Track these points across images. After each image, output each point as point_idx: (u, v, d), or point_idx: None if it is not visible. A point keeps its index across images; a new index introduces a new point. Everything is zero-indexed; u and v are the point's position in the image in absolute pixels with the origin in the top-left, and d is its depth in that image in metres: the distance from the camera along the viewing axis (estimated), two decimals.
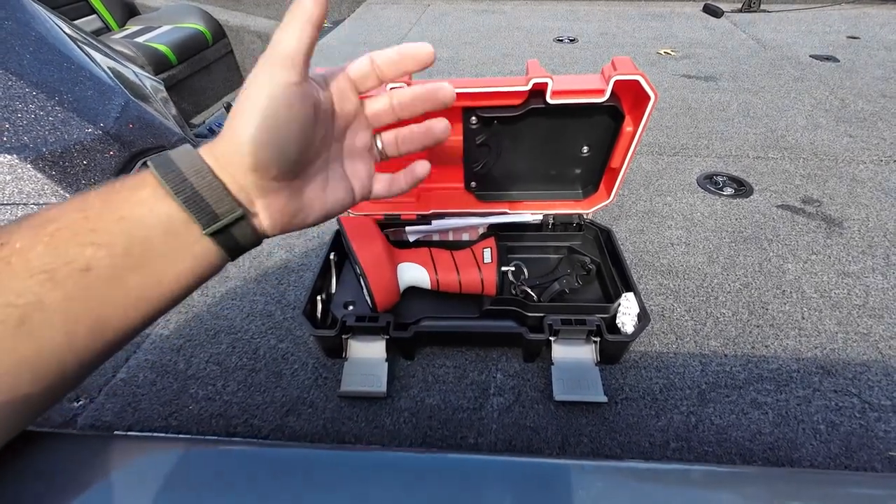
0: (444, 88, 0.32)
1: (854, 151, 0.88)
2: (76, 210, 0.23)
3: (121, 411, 0.48)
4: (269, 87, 0.25)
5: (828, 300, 0.58)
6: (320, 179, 0.30)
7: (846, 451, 0.43)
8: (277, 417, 0.47)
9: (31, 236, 0.22)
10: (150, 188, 0.25)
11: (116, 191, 0.25)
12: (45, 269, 0.22)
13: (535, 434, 0.45)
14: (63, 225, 0.23)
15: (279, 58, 0.25)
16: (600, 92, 0.46)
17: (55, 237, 0.22)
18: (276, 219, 0.28)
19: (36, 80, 0.61)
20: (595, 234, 0.61)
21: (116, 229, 0.23)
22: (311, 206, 0.30)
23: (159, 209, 0.25)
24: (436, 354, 0.53)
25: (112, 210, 0.24)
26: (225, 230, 0.26)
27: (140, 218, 0.24)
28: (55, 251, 0.22)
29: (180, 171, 0.25)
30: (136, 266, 0.24)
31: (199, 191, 0.25)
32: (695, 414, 0.46)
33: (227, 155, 0.26)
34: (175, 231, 0.25)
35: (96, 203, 0.24)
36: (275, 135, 0.25)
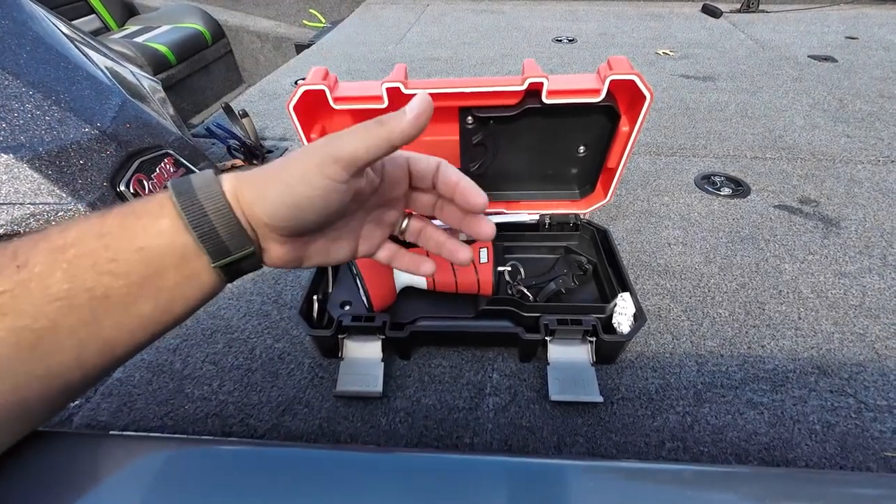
0: (488, 227, 0.32)
1: (852, 151, 0.88)
2: (95, 236, 0.23)
3: (116, 411, 0.48)
4: (309, 175, 0.25)
5: (824, 300, 0.58)
6: (330, 239, 0.31)
7: (842, 452, 0.43)
8: (273, 417, 0.47)
9: (51, 261, 0.22)
10: (169, 219, 0.25)
11: (136, 217, 0.25)
12: (63, 295, 0.22)
13: (531, 434, 0.45)
14: (82, 252, 0.23)
15: (338, 157, 0.25)
16: (596, 92, 0.46)
17: (74, 264, 0.23)
18: (274, 261, 0.29)
19: (32, 80, 0.61)
20: (592, 234, 0.61)
21: (135, 259, 0.24)
22: (311, 257, 0.31)
23: (176, 241, 0.25)
24: (432, 354, 0.53)
25: (131, 239, 0.24)
26: (233, 264, 0.27)
27: (158, 249, 0.25)
28: (74, 279, 0.22)
29: (201, 205, 0.25)
30: (150, 295, 0.25)
31: (216, 228, 0.25)
32: (690, 414, 0.46)
33: (249, 202, 0.26)
34: (188, 262, 0.26)
35: (115, 230, 0.24)
36: (296, 214, 0.26)
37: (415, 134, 0.26)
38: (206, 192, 0.25)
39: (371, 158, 0.26)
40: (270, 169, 0.26)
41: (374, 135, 0.25)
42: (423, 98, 0.26)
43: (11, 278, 0.21)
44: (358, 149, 0.25)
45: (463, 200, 0.30)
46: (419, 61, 1.40)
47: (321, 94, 0.47)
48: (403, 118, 0.25)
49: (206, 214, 0.25)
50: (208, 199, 0.25)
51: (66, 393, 0.24)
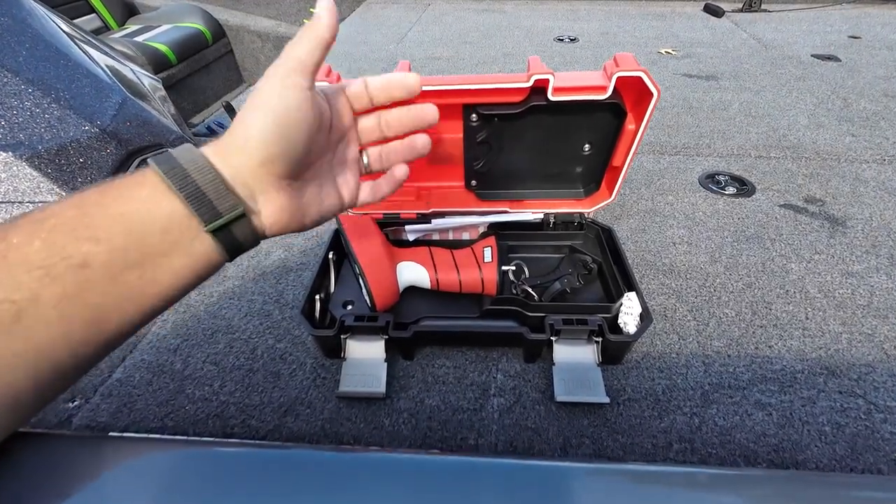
0: (429, 110, 0.35)
1: (857, 151, 0.88)
2: (74, 206, 0.23)
3: (116, 412, 0.47)
4: (282, 88, 0.27)
5: (832, 300, 0.57)
6: (317, 184, 0.32)
7: (852, 453, 0.42)
8: (275, 418, 0.46)
9: (29, 232, 0.22)
10: (150, 185, 0.25)
11: (116, 187, 0.25)
12: (42, 264, 0.21)
13: (537, 435, 0.44)
14: (60, 221, 0.23)
15: (293, 64, 0.27)
16: (602, 89, 0.46)
17: (52, 233, 0.22)
18: (276, 218, 0.29)
19: (32, 77, 0.61)
20: (596, 233, 0.60)
21: (115, 225, 0.23)
22: (309, 207, 0.31)
23: (160, 206, 0.24)
24: (435, 354, 0.52)
25: (111, 206, 0.24)
26: (225, 228, 0.26)
27: (139, 214, 0.24)
28: (52, 247, 0.22)
29: (183, 167, 0.25)
30: (135, 263, 0.24)
31: (201, 187, 0.25)
32: (698, 415, 0.45)
33: (235, 150, 0.27)
34: (175, 228, 0.25)
35: (94, 199, 0.24)
36: (285, 132, 0.27)
37: (334, 24, 0.28)
38: (188, 157, 0.26)
39: (315, 59, 0.28)
40: (244, 109, 0.27)
41: (307, 38, 0.28)
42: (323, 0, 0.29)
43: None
44: (301, 53, 0.28)
45: (399, 87, 0.33)
46: (420, 60, 1.40)
47: None
48: (320, 17, 0.28)
49: (188, 175, 0.25)
50: (189, 162, 0.25)
51: (55, 374, 0.23)
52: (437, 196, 0.62)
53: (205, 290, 0.61)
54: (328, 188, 0.33)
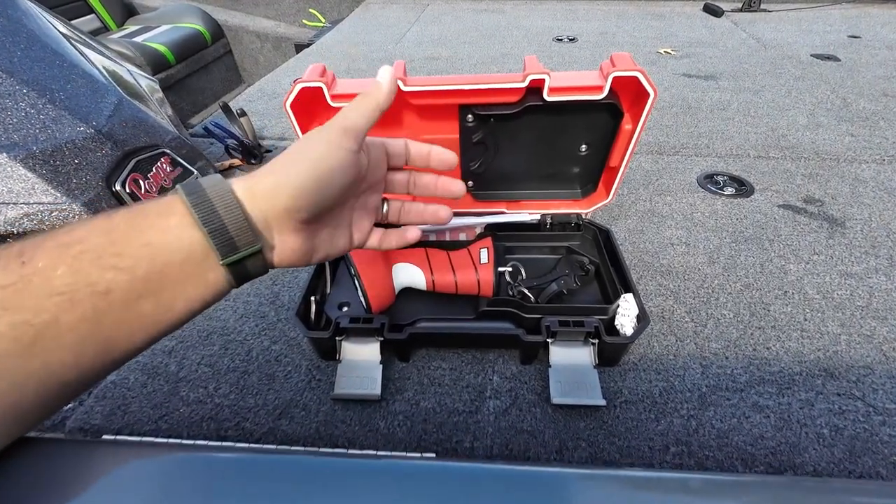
0: (458, 186, 0.38)
1: (856, 151, 0.87)
2: (102, 233, 0.23)
3: (110, 414, 0.47)
4: (330, 147, 0.29)
5: (830, 301, 0.57)
6: (332, 227, 0.33)
7: (850, 456, 0.42)
8: (270, 420, 0.46)
9: (55, 257, 0.22)
10: (178, 216, 0.25)
11: (144, 215, 0.25)
12: (65, 290, 0.22)
13: (533, 438, 0.44)
14: (87, 248, 0.23)
15: (347, 128, 0.30)
16: (599, 89, 0.45)
17: (78, 259, 0.22)
18: (286, 255, 0.30)
19: (27, 78, 0.60)
20: (594, 233, 0.60)
21: (141, 254, 0.24)
22: (318, 248, 0.32)
23: (184, 237, 0.25)
24: (431, 356, 0.52)
25: (138, 234, 0.24)
26: (240, 261, 0.27)
27: (165, 244, 0.25)
28: (77, 273, 0.22)
29: (211, 202, 0.26)
30: (152, 292, 0.25)
31: (226, 224, 0.26)
32: (695, 418, 0.45)
33: (266, 193, 0.27)
34: (193, 259, 0.26)
35: (122, 226, 0.24)
36: (323, 188, 0.28)
37: (392, 95, 0.32)
38: (216, 190, 0.26)
39: (369, 125, 0.31)
40: (288, 155, 0.29)
41: (366, 104, 0.31)
42: (387, 68, 0.33)
43: (15, 273, 0.21)
44: (359, 119, 0.30)
45: (438, 161, 0.36)
46: (419, 61, 1.39)
47: (318, 91, 0.46)
48: (381, 86, 0.32)
49: (215, 210, 0.25)
50: (218, 197, 0.26)
51: (61, 394, 0.24)
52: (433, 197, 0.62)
53: None
54: (342, 230, 0.34)
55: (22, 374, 0.21)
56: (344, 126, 0.30)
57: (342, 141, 0.29)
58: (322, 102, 0.47)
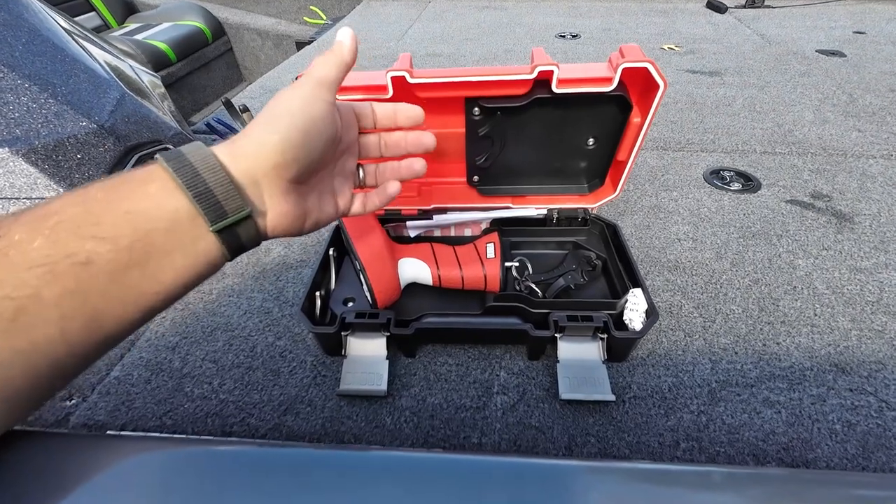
0: (428, 138, 0.37)
1: (863, 146, 0.87)
2: (78, 203, 0.23)
3: (114, 410, 0.47)
4: (309, 98, 0.29)
5: (840, 296, 0.56)
6: (318, 192, 0.33)
7: (863, 452, 0.41)
8: (275, 416, 0.46)
9: (31, 229, 0.21)
10: (159, 182, 0.25)
11: (122, 183, 0.24)
12: (45, 262, 0.21)
13: (541, 434, 0.43)
14: (65, 217, 0.22)
15: (319, 79, 0.30)
16: (608, 80, 0.45)
17: (56, 230, 0.22)
18: (278, 221, 0.29)
19: (29, 72, 0.60)
20: (601, 228, 0.59)
21: (121, 223, 0.23)
22: (309, 213, 0.32)
23: (167, 203, 0.24)
24: (437, 352, 0.51)
25: (117, 203, 0.23)
26: (230, 228, 0.26)
27: (146, 212, 0.24)
28: (55, 244, 0.21)
29: (193, 165, 0.25)
30: (138, 261, 0.24)
31: (210, 187, 0.25)
32: (705, 413, 0.45)
33: (249, 151, 0.27)
34: (180, 226, 0.25)
35: (100, 195, 0.23)
36: (307, 139, 0.28)
37: (354, 49, 0.32)
38: (198, 154, 0.25)
39: (339, 79, 0.31)
40: (266, 113, 0.28)
41: (333, 59, 0.31)
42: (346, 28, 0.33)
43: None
44: (329, 71, 0.31)
45: (405, 117, 0.36)
46: (421, 58, 1.39)
47: None
48: (343, 43, 0.32)
49: (198, 173, 0.25)
50: (200, 160, 0.25)
51: (53, 372, 0.23)
52: (439, 192, 0.61)
53: (203, 287, 0.61)
54: (327, 196, 0.34)
55: (7, 352, 0.20)
56: (318, 78, 0.30)
57: (319, 92, 0.30)
58: None
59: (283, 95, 0.29)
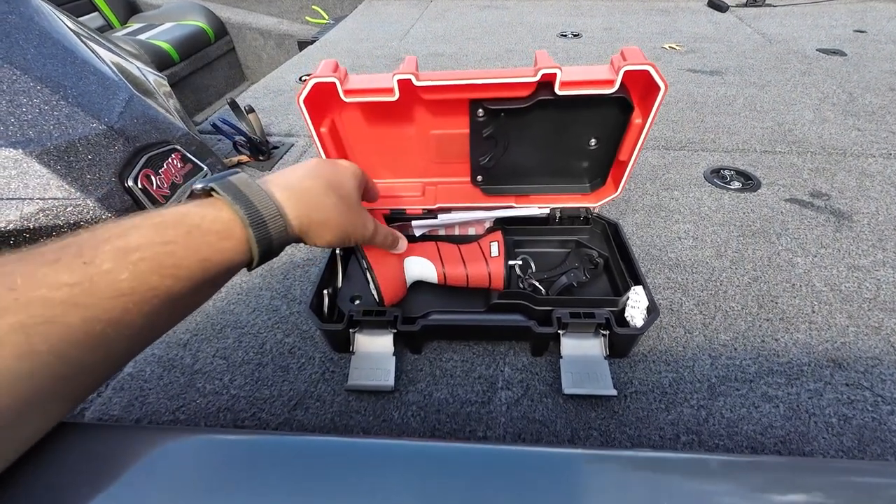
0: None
1: (863, 145, 0.87)
2: (160, 243, 0.26)
3: (128, 405, 0.48)
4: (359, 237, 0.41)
5: (838, 294, 0.57)
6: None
7: (859, 445, 0.42)
8: (285, 411, 0.47)
9: (117, 260, 0.24)
10: (237, 241, 0.29)
11: (203, 233, 0.28)
12: (131, 293, 0.24)
13: (545, 427, 0.45)
14: (147, 256, 0.25)
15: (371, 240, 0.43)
16: (610, 83, 0.46)
17: (139, 265, 0.25)
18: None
19: (40, 75, 0.61)
20: (602, 227, 0.60)
21: (197, 268, 0.27)
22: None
23: (237, 259, 0.30)
24: (443, 348, 0.52)
25: (196, 251, 0.27)
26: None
27: (220, 262, 0.28)
28: (139, 278, 0.24)
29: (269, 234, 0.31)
30: (203, 291, 0.30)
31: (274, 248, 0.32)
32: (705, 407, 0.46)
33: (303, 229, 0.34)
34: (237, 267, 0.31)
35: (180, 240, 0.27)
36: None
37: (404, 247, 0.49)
38: (276, 226, 0.31)
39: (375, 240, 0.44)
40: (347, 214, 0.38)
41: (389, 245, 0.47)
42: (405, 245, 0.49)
43: (79, 272, 0.23)
44: (379, 241, 0.45)
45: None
46: (424, 57, 1.39)
47: (332, 86, 0.47)
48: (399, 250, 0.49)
49: (271, 243, 0.31)
50: (277, 233, 0.31)
51: (110, 373, 0.27)
52: (443, 191, 0.62)
53: None
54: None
55: (89, 365, 0.24)
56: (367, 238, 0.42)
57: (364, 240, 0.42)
58: (335, 98, 0.48)
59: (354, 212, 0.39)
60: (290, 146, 0.96)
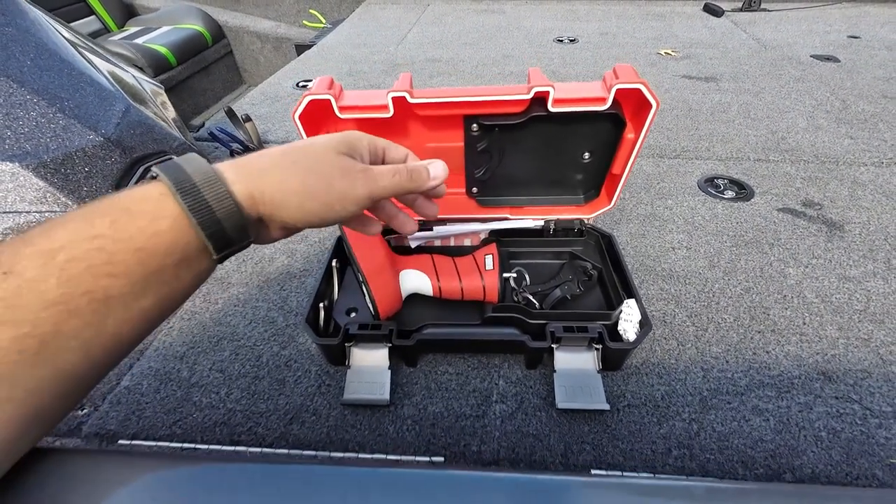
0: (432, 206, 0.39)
1: (855, 153, 0.88)
2: (86, 238, 0.23)
3: (125, 419, 0.48)
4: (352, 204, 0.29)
5: (829, 305, 0.58)
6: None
7: (847, 459, 0.43)
8: (281, 425, 0.47)
9: (41, 265, 0.21)
10: (170, 220, 0.24)
11: (131, 216, 0.24)
12: (62, 300, 0.21)
13: (538, 441, 0.45)
14: (74, 255, 0.22)
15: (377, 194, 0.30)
16: (602, 100, 0.46)
17: (67, 268, 0.22)
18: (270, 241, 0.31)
19: (37, 87, 0.61)
20: (596, 239, 0.61)
21: (133, 261, 0.23)
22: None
23: (179, 240, 0.25)
24: (438, 361, 0.53)
25: (128, 240, 0.23)
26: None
27: (158, 249, 0.24)
28: (70, 282, 0.22)
29: (209, 206, 0.25)
30: (151, 291, 0.25)
31: (224, 228, 0.26)
32: (696, 421, 0.46)
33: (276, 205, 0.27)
34: (189, 258, 0.26)
35: (108, 231, 0.23)
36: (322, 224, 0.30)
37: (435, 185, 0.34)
38: (213, 193, 0.25)
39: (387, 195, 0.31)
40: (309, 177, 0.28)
41: (405, 186, 0.32)
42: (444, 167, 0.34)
43: (1, 285, 0.20)
44: (387, 190, 0.31)
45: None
46: (421, 63, 1.40)
47: (327, 103, 0.47)
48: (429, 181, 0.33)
49: (213, 213, 0.25)
50: (217, 200, 0.25)
51: (79, 388, 0.24)
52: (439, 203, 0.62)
53: (209, 297, 0.62)
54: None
55: (35, 381, 0.21)
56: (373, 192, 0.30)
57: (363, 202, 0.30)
58: (330, 114, 0.48)
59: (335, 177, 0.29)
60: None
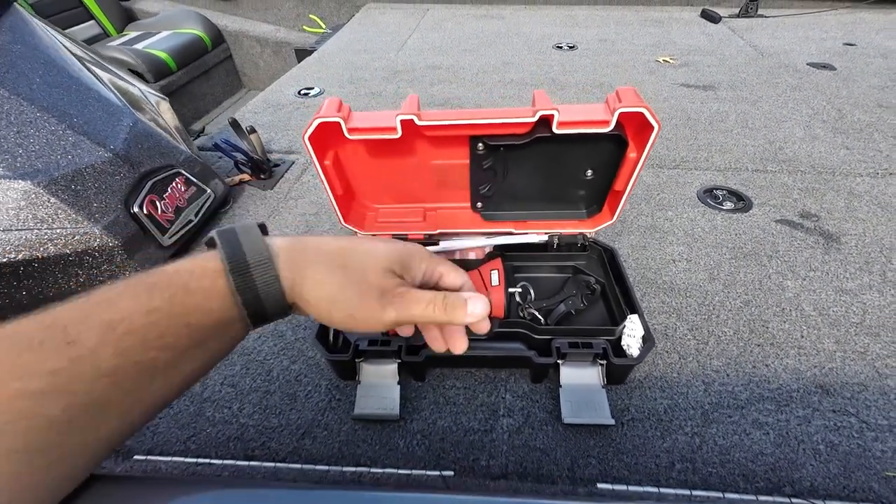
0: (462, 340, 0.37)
1: (851, 164, 0.90)
2: (144, 313, 0.24)
3: (140, 435, 0.49)
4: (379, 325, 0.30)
5: (826, 318, 0.59)
6: None
7: (845, 472, 0.44)
8: (293, 440, 0.48)
9: (100, 336, 0.23)
10: (221, 300, 0.27)
11: (187, 292, 0.26)
12: (114, 371, 0.23)
13: (545, 456, 0.46)
14: (131, 328, 0.24)
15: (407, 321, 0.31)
16: (605, 123, 0.47)
17: (124, 341, 0.23)
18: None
19: (46, 105, 0.62)
20: (599, 253, 0.62)
21: (183, 334, 0.25)
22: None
23: (224, 317, 0.27)
24: (445, 375, 0.54)
25: (181, 315, 0.25)
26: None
27: (206, 326, 0.26)
28: (123, 354, 0.23)
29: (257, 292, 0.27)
30: (192, 357, 0.26)
31: (266, 309, 0.28)
32: (699, 435, 0.47)
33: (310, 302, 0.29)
34: (230, 328, 0.28)
35: (164, 305, 0.25)
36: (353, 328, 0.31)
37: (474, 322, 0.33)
38: (263, 277, 0.27)
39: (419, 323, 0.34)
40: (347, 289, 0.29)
41: (437, 318, 0.31)
42: (485, 305, 0.33)
43: (64, 356, 0.22)
44: (416, 318, 0.31)
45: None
46: (421, 70, 1.41)
47: (336, 125, 0.48)
48: (465, 317, 0.32)
49: (257, 294, 0.27)
50: (264, 284, 0.27)
51: (111, 448, 0.25)
52: (444, 217, 0.64)
53: None
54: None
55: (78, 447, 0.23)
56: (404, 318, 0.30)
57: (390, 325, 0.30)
58: (339, 135, 0.49)
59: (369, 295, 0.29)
60: (290, 164, 0.97)
